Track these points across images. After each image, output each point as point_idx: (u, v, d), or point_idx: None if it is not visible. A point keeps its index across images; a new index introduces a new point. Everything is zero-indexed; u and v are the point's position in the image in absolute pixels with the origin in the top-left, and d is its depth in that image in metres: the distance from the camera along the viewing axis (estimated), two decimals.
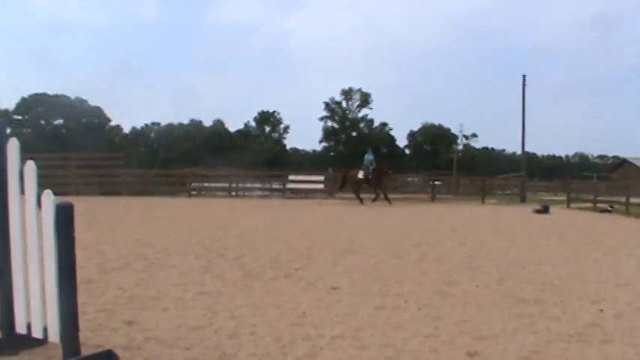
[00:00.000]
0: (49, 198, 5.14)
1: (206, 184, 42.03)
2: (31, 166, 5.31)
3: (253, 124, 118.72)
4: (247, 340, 6.41)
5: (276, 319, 7.30)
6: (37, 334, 5.44)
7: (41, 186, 5.28)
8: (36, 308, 5.38)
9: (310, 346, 6.28)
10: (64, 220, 5.04)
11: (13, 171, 5.43)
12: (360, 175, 33.35)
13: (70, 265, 5.10)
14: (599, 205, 33.44)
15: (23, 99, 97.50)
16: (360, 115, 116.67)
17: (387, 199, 32.73)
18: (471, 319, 7.51)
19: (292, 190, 40.25)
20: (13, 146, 5.48)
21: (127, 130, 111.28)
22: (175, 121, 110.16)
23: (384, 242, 14.76)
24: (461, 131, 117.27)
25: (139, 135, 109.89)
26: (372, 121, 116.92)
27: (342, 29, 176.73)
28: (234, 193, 39.14)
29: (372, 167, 33.47)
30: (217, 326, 6.93)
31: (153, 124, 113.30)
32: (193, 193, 39.00)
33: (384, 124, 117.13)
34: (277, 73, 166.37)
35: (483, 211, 28.29)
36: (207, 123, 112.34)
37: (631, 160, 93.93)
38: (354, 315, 7.61)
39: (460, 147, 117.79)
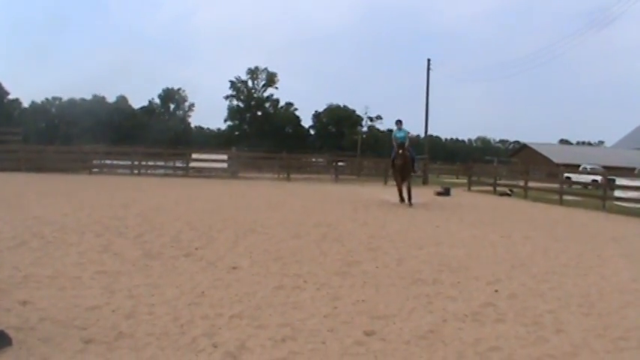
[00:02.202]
0: None
1: (108, 162, 41.26)
2: None
3: (157, 101, 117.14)
4: (145, 320, 6.40)
5: (175, 299, 7.31)
6: None
7: None
8: None
9: (208, 325, 6.32)
10: None
11: None
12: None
13: None
14: (499, 188, 34.28)
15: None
16: (265, 94, 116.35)
17: (408, 199, 22.52)
18: (370, 299, 7.66)
19: (195, 169, 39.92)
20: None
21: (26, 104, 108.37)
22: (77, 96, 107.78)
23: (286, 222, 14.84)
24: (366, 113, 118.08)
25: (39, 110, 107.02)
26: (277, 100, 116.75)
27: (250, 7, 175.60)
28: (136, 172, 38.60)
29: (399, 150, 22.09)
30: (115, 306, 6.89)
31: (54, 98, 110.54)
32: (94, 170, 38.27)
33: (290, 104, 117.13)
34: (183, 49, 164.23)
35: (384, 193, 28.57)
36: (111, 99, 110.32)
37: (531, 145, 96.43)
38: (253, 294, 7.67)
39: (365, 129, 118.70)
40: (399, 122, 23.16)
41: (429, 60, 52.08)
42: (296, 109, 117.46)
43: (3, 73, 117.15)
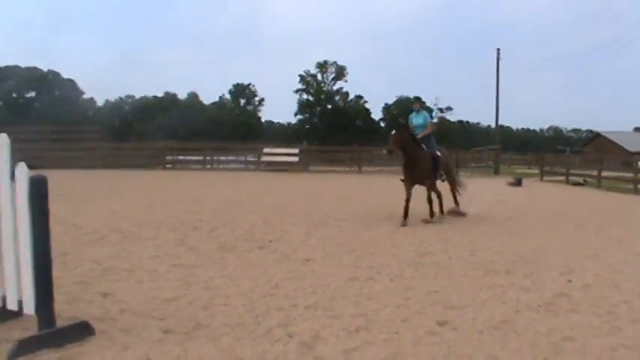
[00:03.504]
0: (23, 171, 5.17)
1: (181, 157, 41.91)
2: (3, 139, 5.33)
3: (228, 96, 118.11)
4: (221, 311, 6.50)
5: (250, 290, 7.39)
6: (12, 306, 5.49)
7: (15, 160, 5.30)
8: (11, 281, 5.43)
9: (283, 316, 6.37)
10: (38, 194, 5.08)
11: None
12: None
13: (44, 238, 5.15)
14: (571, 178, 33.71)
15: None
16: (335, 87, 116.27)
17: (438, 210, 15.43)
18: (442, 290, 7.64)
19: (267, 163, 40.19)
20: None
21: (100, 103, 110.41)
22: (150, 94, 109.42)
23: (358, 214, 14.88)
24: (436, 104, 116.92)
25: (113, 108, 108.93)
26: (347, 94, 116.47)
27: (318, 2, 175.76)
28: (208, 166, 39.11)
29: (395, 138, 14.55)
30: (192, 297, 7.01)
31: (127, 97, 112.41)
32: (168, 166, 38.92)
33: (360, 97, 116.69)
34: (252, 45, 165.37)
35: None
36: (182, 96, 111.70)
37: (604, 134, 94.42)
38: (326, 286, 7.72)
39: (435, 120, 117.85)
40: (416, 100, 16.41)
41: (498, 49, 51.58)
42: (366, 102, 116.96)
43: (78, 73, 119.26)
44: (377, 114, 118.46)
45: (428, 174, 14.62)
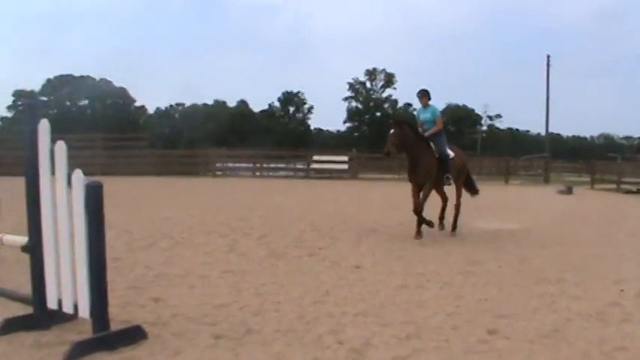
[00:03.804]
0: (79, 177, 5.27)
1: (230, 165, 42.19)
2: (61, 147, 5.43)
3: (277, 104, 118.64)
4: (272, 317, 6.53)
5: (300, 297, 7.42)
6: (67, 309, 5.58)
7: (71, 167, 5.40)
8: (67, 284, 5.52)
9: (334, 322, 6.38)
10: (94, 199, 5.17)
11: (44, 151, 5.56)
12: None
13: (99, 243, 5.24)
14: (623, 186, 33.24)
15: (48, 80, 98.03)
16: (384, 95, 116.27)
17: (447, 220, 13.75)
18: (493, 298, 7.59)
19: (316, 171, 40.26)
20: (44, 127, 5.61)
21: (151, 110, 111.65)
22: (199, 102, 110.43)
23: (408, 222, 14.82)
24: (485, 112, 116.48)
25: (164, 115, 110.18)
26: (396, 101, 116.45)
27: (366, 9, 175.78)
28: (258, 174, 39.35)
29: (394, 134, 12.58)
30: (242, 303, 7.05)
31: (177, 104, 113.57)
32: (218, 173, 39.21)
33: (409, 105, 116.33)
34: (301, 53, 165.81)
35: (507, 192, 28.20)
36: (231, 103, 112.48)
37: None
38: (376, 293, 7.72)
39: (484, 128, 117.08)
40: (423, 94, 13.63)
41: (548, 56, 51.41)
42: (415, 110, 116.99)
43: (129, 82, 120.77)
44: None
45: (431, 176, 12.69)
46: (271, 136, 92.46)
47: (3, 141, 41.83)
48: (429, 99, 13.65)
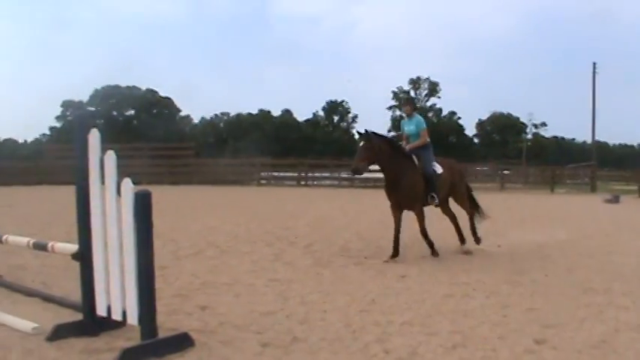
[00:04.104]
0: (128, 186, 5.34)
1: (275, 174, 42.34)
2: (111, 156, 5.51)
3: (321, 113, 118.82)
4: (318, 326, 6.54)
5: (347, 306, 7.42)
6: (116, 316, 5.65)
7: (120, 176, 5.48)
8: (115, 292, 5.59)
9: (380, 331, 6.37)
10: (143, 208, 5.23)
11: (94, 160, 5.65)
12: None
13: (148, 251, 5.30)
14: None
15: (96, 90, 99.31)
16: (428, 104, 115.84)
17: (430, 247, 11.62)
18: (540, 308, 7.52)
19: (361, 180, 40.19)
20: (94, 137, 5.69)
21: (196, 120, 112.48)
22: (244, 111, 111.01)
23: (452, 231, 14.74)
24: (530, 120, 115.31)
25: (209, 125, 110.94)
26: (440, 110, 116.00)
27: (410, 18, 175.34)
28: (302, 183, 39.38)
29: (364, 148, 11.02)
30: (289, 312, 7.08)
31: (222, 114, 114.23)
32: (262, 182, 39.38)
33: (453, 113, 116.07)
34: (345, 62, 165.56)
35: (552, 201, 27.93)
36: (276, 113, 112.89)
37: None
38: (422, 302, 7.69)
39: (529, 136, 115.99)
40: (406, 102, 13.66)
41: (594, 63, 50.79)
42: (459, 118, 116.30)
43: (175, 91, 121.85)
44: (470, 130, 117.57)
45: (417, 196, 11.24)
46: (316, 145, 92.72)
47: (51, 150, 42.52)
48: (414, 109, 12.40)
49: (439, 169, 11.67)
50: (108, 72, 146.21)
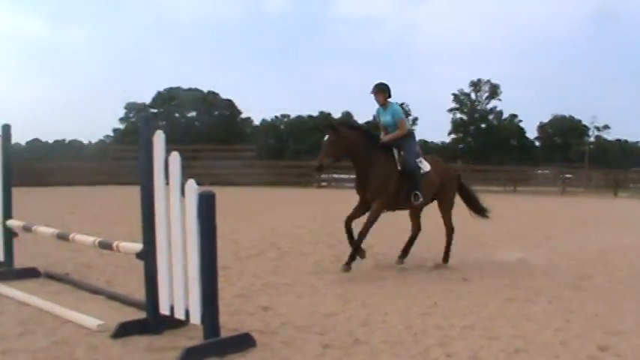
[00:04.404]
0: (192, 187, 5.39)
1: (335, 176, 42.34)
2: (175, 157, 5.57)
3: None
4: (379, 328, 6.52)
5: (408, 308, 7.39)
6: (179, 315, 5.71)
7: (182, 176, 5.54)
8: (179, 291, 5.65)
9: (441, 335, 6.32)
10: (207, 209, 5.28)
11: (159, 161, 5.71)
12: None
13: (211, 252, 5.34)
14: None
15: (159, 93, 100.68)
16: (489, 106, 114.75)
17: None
18: (603, 314, 7.39)
19: None
20: (158, 138, 5.76)
21: (257, 121, 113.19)
22: (305, 113, 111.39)
23: (514, 235, 14.62)
24: (593, 123, 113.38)
25: (269, 127, 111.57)
26: (501, 112, 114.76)
27: (471, 20, 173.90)
28: None
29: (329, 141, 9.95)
30: (350, 313, 7.08)
31: (282, 116, 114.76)
32: (323, 184, 39.45)
33: (514, 116, 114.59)
34: (405, 64, 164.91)
35: (616, 205, 27.45)
36: (336, 115, 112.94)
37: None
38: (484, 306, 7.62)
39: (592, 139, 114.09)
40: (378, 90, 10.68)
41: None
42: (520, 121, 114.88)
43: (236, 93, 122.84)
44: (531, 133, 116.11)
45: (384, 189, 9.94)
46: None
47: (114, 151, 43.20)
48: (389, 96, 10.64)
49: (426, 167, 10.53)
50: (170, 74, 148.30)
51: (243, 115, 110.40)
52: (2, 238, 8.91)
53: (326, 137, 9.75)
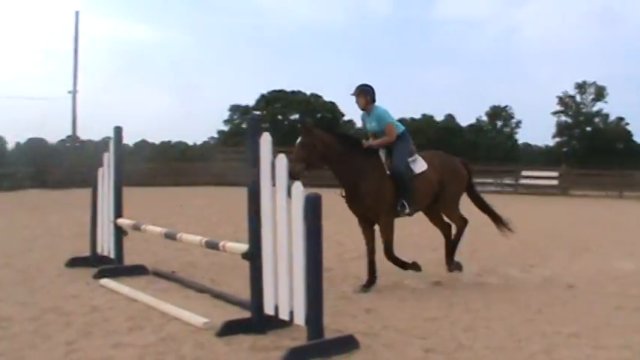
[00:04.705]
0: (298, 189, 5.47)
1: None
2: (282, 159, 5.66)
3: (485, 118, 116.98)
4: (482, 334, 6.47)
5: (511, 315, 7.32)
6: (283, 316, 5.81)
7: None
8: (283, 292, 5.74)
9: (546, 342, 6.23)
10: (313, 211, 5.35)
11: (266, 163, 5.82)
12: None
13: (316, 253, 5.40)
14: None
15: (262, 95, 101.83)
16: (594, 109, 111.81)
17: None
18: None
19: (525, 186, 39.34)
20: (265, 140, 5.86)
21: (359, 124, 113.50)
22: (407, 116, 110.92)
23: (620, 241, 14.23)
24: None
25: None
26: (607, 115, 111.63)
27: (576, 21, 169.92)
28: None
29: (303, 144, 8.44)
30: (453, 318, 7.05)
31: None
32: None
33: (621, 119, 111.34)
34: (508, 66, 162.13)
35: None
36: (439, 118, 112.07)
37: None
38: (590, 314, 7.47)
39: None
40: (360, 93, 9.12)
41: None
42: (627, 124, 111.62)
43: (338, 96, 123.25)
44: (639, 136, 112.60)
45: (381, 203, 8.80)
46: (479, 150, 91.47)
47: (219, 153, 43.92)
48: (373, 100, 9.14)
49: (420, 167, 9.11)
50: (273, 77, 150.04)
51: (345, 118, 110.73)
52: (113, 236, 9.23)
53: (298, 140, 8.41)
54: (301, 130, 8.58)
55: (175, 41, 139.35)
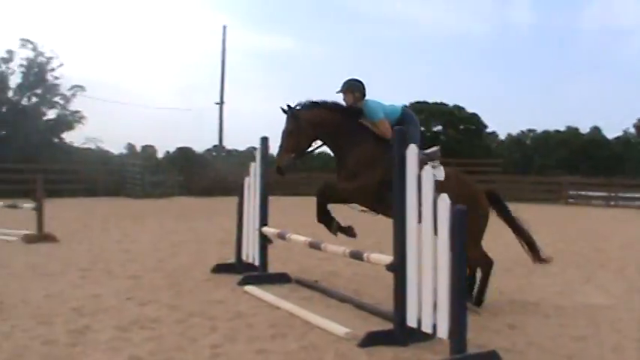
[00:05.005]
0: (445, 202, 5.44)
1: (582, 193, 40.95)
2: (428, 172, 5.66)
3: (632, 130, 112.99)
4: (632, 356, 6.25)
5: None
6: (426, 329, 5.79)
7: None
8: (427, 305, 5.73)
9: None
10: (459, 224, 5.31)
11: (412, 175, 5.83)
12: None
13: (461, 267, 5.37)
14: None
15: (405, 106, 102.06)
16: None
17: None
18: None
19: None
20: (412, 153, 5.87)
21: (502, 136, 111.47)
22: (551, 128, 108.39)
23: None
24: None
25: (515, 141, 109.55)
26: None
27: None
28: (612, 203, 37.71)
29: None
30: (600, 338, 6.83)
31: (529, 130, 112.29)
32: (570, 201, 38.28)
33: None
34: None
35: None
36: (584, 130, 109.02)
37: None
38: None
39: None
40: (348, 89, 8.16)
41: None
42: None
43: (481, 108, 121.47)
44: None
45: (376, 185, 7.53)
46: (627, 164, 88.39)
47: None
48: (363, 95, 8.23)
49: (440, 175, 8.02)
50: (417, 88, 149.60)
51: (488, 130, 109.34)
52: (258, 244, 9.45)
53: (283, 127, 7.76)
54: (288, 113, 7.76)
55: (317, 52, 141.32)
